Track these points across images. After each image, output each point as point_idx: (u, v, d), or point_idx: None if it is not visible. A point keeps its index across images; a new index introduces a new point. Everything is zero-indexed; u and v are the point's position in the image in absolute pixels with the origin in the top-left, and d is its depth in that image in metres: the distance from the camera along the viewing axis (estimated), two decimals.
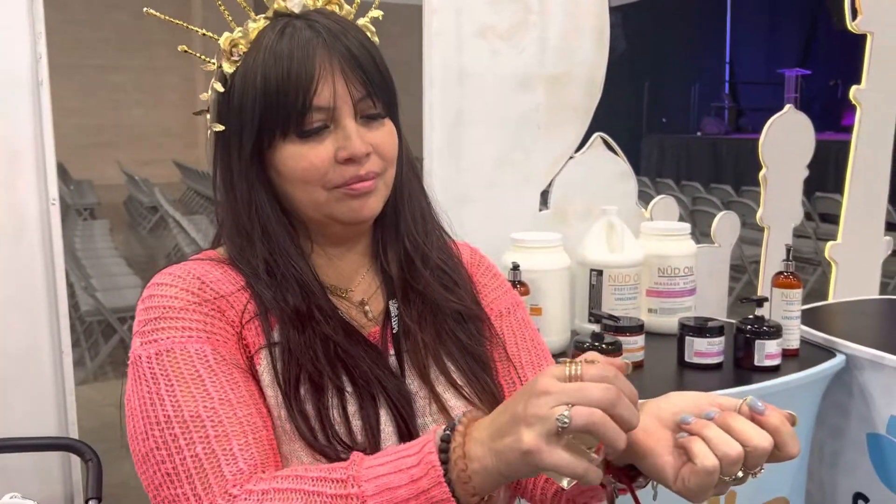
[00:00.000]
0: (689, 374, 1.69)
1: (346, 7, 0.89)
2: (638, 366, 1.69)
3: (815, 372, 1.71)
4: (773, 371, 1.68)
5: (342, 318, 0.86)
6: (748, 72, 12.60)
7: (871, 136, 2.32)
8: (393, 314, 0.90)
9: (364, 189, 0.84)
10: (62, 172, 8.72)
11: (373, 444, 0.82)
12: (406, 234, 0.92)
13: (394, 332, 0.89)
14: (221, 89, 0.86)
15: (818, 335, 1.87)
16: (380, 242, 0.92)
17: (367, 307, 0.90)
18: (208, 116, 0.89)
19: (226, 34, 0.86)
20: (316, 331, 0.83)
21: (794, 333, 1.79)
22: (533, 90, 2.00)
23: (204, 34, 0.89)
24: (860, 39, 2.29)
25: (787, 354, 1.76)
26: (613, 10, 2.12)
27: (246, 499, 0.71)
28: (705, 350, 1.69)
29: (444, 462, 0.68)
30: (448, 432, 0.69)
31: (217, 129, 0.86)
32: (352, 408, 0.82)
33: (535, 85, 2.00)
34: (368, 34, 0.88)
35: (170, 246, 6.44)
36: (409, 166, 0.93)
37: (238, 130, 0.84)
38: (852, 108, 2.34)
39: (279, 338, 0.83)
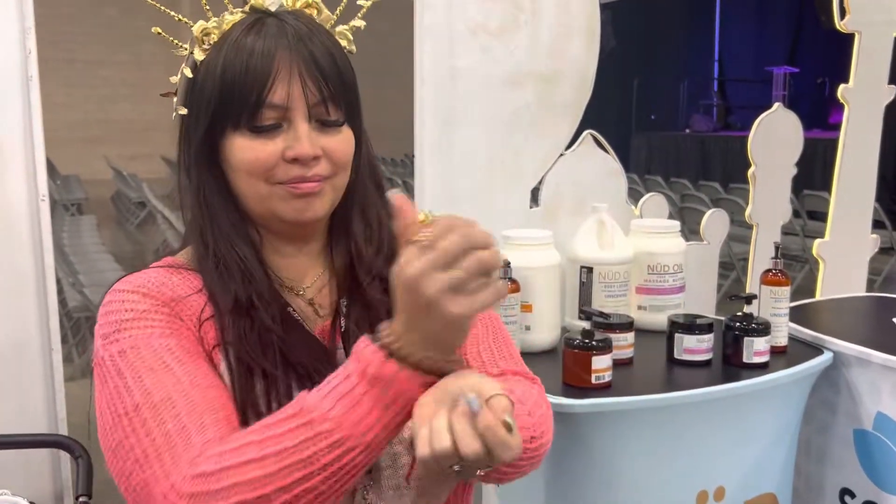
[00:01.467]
0: (678, 371, 1.70)
1: (326, 12, 0.91)
2: (627, 363, 1.70)
3: (803, 369, 1.73)
4: (762, 368, 1.69)
5: (286, 310, 0.88)
6: (736, 69, 12.66)
7: (858, 135, 2.34)
8: (342, 312, 0.91)
9: (308, 189, 0.85)
10: (49, 167, 8.65)
11: None
12: (353, 239, 0.93)
13: (342, 329, 0.90)
14: (190, 75, 0.88)
15: (806, 332, 1.89)
16: (330, 244, 0.94)
17: (317, 305, 0.92)
18: (175, 99, 0.91)
19: (200, 22, 0.88)
20: (255, 320, 0.85)
21: (783, 330, 1.81)
22: (524, 88, 2.00)
23: (180, 20, 0.92)
24: (847, 38, 2.31)
25: (776, 351, 1.77)
26: (603, 8, 2.13)
27: (207, 459, 0.72)
28: (694, 347, 1.70)
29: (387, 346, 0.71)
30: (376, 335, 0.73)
31: (181, 112, 0.89)
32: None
33: (525, 83, 2.00)
34: (344, 42, 0.90)
35: (158, 241, 6.41)
36: (367, 173, 0.94)
37: (196, 116, 0.87)
38: (840, 106, 2.36)
39: (230, 335, 0.84)
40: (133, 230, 8.05)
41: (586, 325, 1.62)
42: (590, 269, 1.85)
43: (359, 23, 0.93)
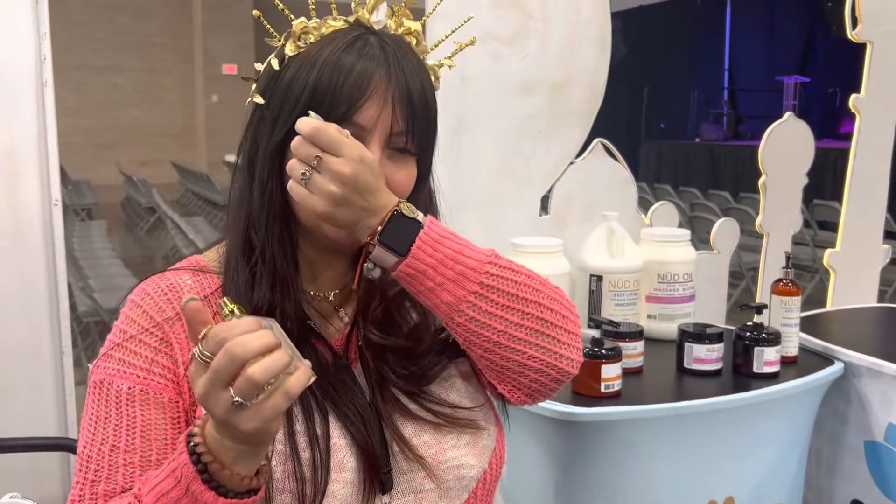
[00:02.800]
0: (687, 381, 1.69)
1: (423, 44, 0.90)
2: (637, 371, 1.69)
3: (814, 379, 1.72)
4: (772, 378, 1.68)
5: (305, 322, 0.86)
6: (747, 79, 12.63)
7: (870, 145, 2.33)
8: (359, 325, 0.90)
9: None
10: (60, 172, 8.71)
11: (324, 458, 0.82)
12: None
13: (359, 344, 0.89)
14: (277, 67, 0.86)
15: (817, 342, 1.87)
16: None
17: (342, 312, 0.91)
18: (254, 86, 0.89)
19: (302, 19, 0.87)
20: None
21: (793, 340, 1.80)
22: (534, 96, 2.00)
23: (283, 10, 0.89)
24: (859, 48, 2.30)
25: (786, 361, 1.76)
26: (613, 16, 2.13)
27: None
28: (704, 356, 1.69)
29: (198, 455, 0.70)
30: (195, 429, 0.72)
31: (257, 101, 0.87)
32: (299, 423, 0.82)
33: (536, 91, 2.00)
34: (433, 77, 0.89)
35: (167, 247, 6.43)
36: (424, 210, 0.91)
37: (276, 113, 0.85)
38: (850, 116, 2.35)
39: None
40: (143, 235, 8.08)
41: (596, 333, 1.61)
42: (599, 278, 1.85)
43: (449, 62, 0.92)
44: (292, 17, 0.88)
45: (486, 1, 1.91)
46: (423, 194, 0.91)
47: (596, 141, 2.08)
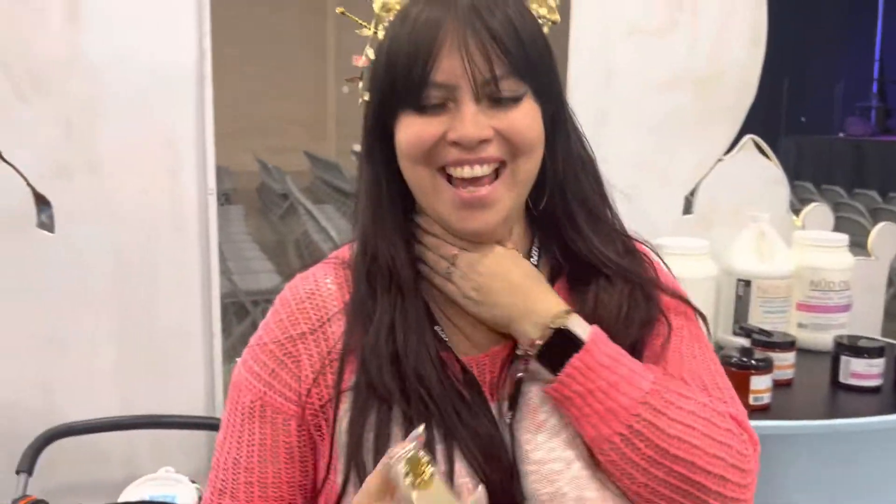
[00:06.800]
0: (843, 396, 1.59)
1: None
2: (787, 384, 1.60)
3: None
4: None
5: (434, 331, 0.78)
6: None
7: None
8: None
9: (471, 199, 0.74)
10: None
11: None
12: (582, 235, 0.80)
13: (517, 352, 0.77)
14: (372, 57, 0.80)
15: None
16: (531, 249, 0.82)
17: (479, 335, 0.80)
18: (360, 85, 0.83)
19: None
20: (388, 341, 0.76)
21: None
22: (681, 90, 1.93)
23: None
24: None
25: None
26: None
27: None
28: (863, 371, 1.58)
29: None
30: None
31: (365, 99, 0.81)
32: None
33: (683, 85, 1.93)
34: (544, 10, 0.80)
35: (298, 232, 6.66)
36: (579, 164, 0.81)
37: (372, 101, 0.79)
38: None
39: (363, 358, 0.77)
40: (276, 220, 8.41)
41: (744, 342, 1.53)
42: (747, 283, 1.76)
43: None
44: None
45: None
46: (567, 143, 0.80)
47: (746, 138, 1.98)
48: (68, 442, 1.59)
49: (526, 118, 0.75)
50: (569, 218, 0.81)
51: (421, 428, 0.65)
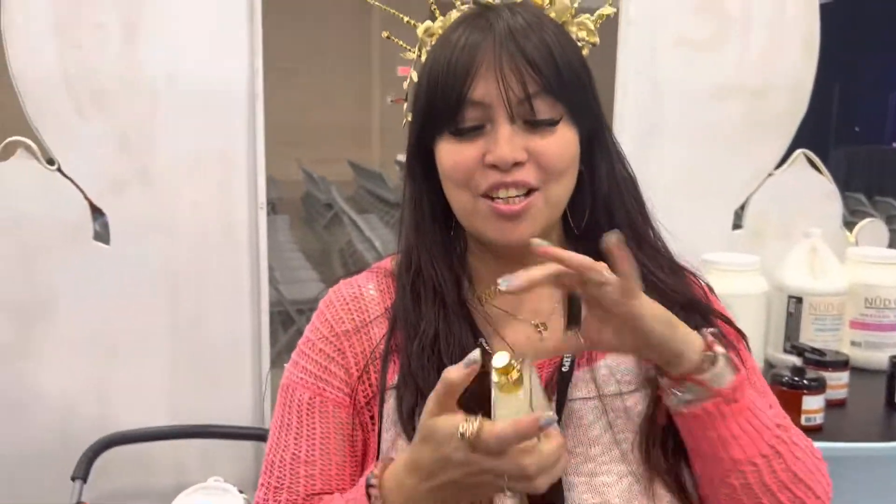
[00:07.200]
0: None
1: (563, 2, 0.82)
2: (840, 404, 1.56)
3: None
4: None
5: (477, 341, 0.78)
6: None
7: None
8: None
9: (509, 212, 0.75)
10: None
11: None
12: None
13: (563, 370, 0.77)
14: (416, 79, 0.83)
15: None
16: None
17: (541, 329, 0.81)
18: (405, 106, 0.86)
19: (426, 22, 0.83)
20: (433, 350, 0.77)
21: None
22: (730, 102, 1.90)
23: (407, 21, 0.87)
24: None
25: None
26: None
27: None
28: None
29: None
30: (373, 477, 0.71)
31: (408, 120, 0.84)
32: None
33: (732, 96, 1.90)
34: (583, 32, 0.82)
35: (342, 241, 6.72)
36: (624, 186, 0.82)
37: (414, 122, 0.82)
38: None
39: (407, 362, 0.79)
40: (321, 230, 8.49)
41: (796, 360, 1.50)
42: (799, 300, 1.72)
43: (608, 10, 0.83)
44: (412, 22, 0.84)
45: (686, 3, 1.84)
46: (609, 165, 0.81)
47: (798, 151, 1.95)
48: (119, 449, 1.63)
49: (559, 144, 0.76)
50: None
51: (477, 352, 0.66)
